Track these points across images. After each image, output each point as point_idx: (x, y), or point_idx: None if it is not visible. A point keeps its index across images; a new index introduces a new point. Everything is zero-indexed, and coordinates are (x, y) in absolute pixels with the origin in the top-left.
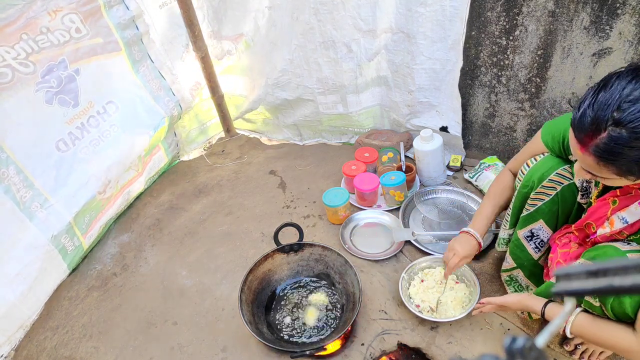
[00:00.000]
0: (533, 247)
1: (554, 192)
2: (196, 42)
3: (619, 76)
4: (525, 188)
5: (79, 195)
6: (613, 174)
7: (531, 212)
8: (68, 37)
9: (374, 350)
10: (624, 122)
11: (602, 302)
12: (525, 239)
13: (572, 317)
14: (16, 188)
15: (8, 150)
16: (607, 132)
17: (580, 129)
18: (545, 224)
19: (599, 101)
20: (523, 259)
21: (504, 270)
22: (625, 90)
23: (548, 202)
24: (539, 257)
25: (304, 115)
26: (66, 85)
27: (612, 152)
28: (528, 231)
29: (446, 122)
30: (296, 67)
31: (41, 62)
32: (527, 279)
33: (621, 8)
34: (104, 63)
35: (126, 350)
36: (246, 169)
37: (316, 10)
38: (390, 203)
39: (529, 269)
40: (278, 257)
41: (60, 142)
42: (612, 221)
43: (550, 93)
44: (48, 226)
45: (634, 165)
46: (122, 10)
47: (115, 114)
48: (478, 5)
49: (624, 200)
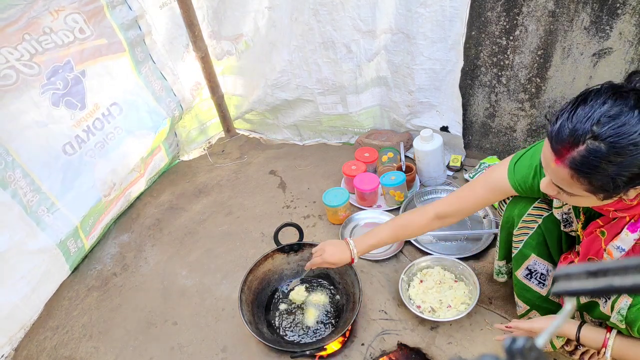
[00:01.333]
0: (536, 284)
1: (535, 224)
2: (196, 42)
3: (598, 92)
4: (507, 224)
5: (86, 199)
6: (584, 190)
7: (520, 249)
8: (72, 37)
9: (374, 350)
10: (603, 136)
11: (629, 324)
12: (526, 278)
13: (611, 342)
14: (23, 192)
15: (14, 154)
16: (585, 144)
17: (557, 140)
18: (538, 257)
19: (578, 114)
20: (532, 299)
21: (521, 315)
22: (605, 106)
23: (533, 235)
24: (547, 293)
25: (303, 116)
26: (72, 87)
27: (589, 165)
28: (525, 269)
29: (447, 122)
30: (295, 67)
31: (46, 63)
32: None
33: (621, 8)
34: (108, 64)
35: (126, 350)
36: (246, 169)
37: (315, 11)
38: (390, 203)
39: (543, 307)
40: (278, 257)
41: (67, 145)
42: (609, 252)
43: (551, 93)
44: (55, 231)
45: (609, 182)
46: (125, 10)
47: (119, 116)
48: (478, 6)
49: (610, 229)
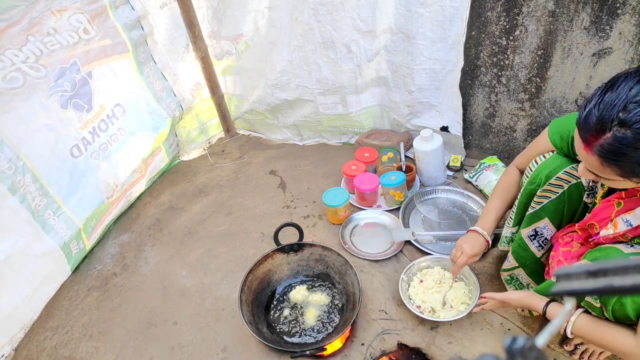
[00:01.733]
0: (536, 246)
1: (560, 190)
2: (196, 42)
3: (627, 77)
4: (532, 185)
5: (90, 201)
6: (616, 175)
7: (536, 210)
8: (77, 38)
9: (374, 350)
10: (630, 122)
11: (603, 303)
12: (529, 238)
13: (574, 318)
14: (31, 197)
15: (25, 158)
16: (612, 132)
17: (585, 129)
18: (550, 222)
19: (605, 101)
20: (526, 258)
21: (505, 269)
22: (632, 91)
23: (554, 200)
24: (541, 255)
25: (303, 116)
26: (80, 89)
27: (616, 153)
28: (532, 230)
29: (447, 122)
30: (295, 67)
31: (52, 65)
32: (529, 277)
33: (621, 8)
34: (113, 65)
35: (126, 350)
36: (246, 169)
37: (315, 10)
38: (390, 203)
39: (531, 267)
40: (278, 257)
41: (74, 147)
42: (615, 223)
43: (551, 93)
44: (60, 234)
45: (638, 167)
46: (128, 10)
47: (122, 117)
48: (478, 6)
49: (628, 203)
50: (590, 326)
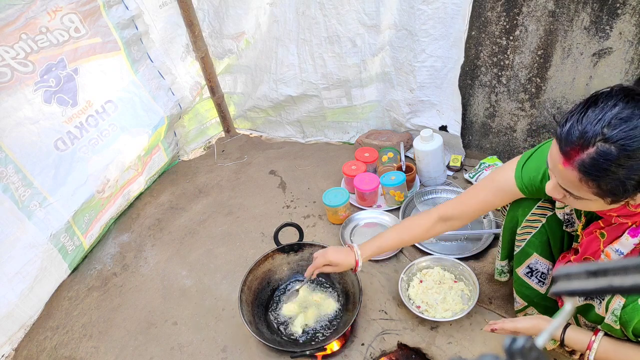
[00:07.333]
0: (536, 282)
1: (539, 224)
2: (196, 42)
3: (608, 95)
4: (511, 223)
5: (78, 194)
6: (591, 193)
7: (523, 248)
8: (67, 36)
9: (374, 350)
10: (614, 139)
11: (623, 325)
12: (526, 276)
13: (595, 345)
14: (15, 187)
15: (7, 150)
16: (595, 147)
17: (567, 142)
18: (540, 255)
19: (589, 116)
20: (531, 296)
21: (518, 311)
22: (616, 108)
23: (536, 234)
24: (546, 291)
25: (307, 111)
26: (65, 85)
27: (598, 168)
28: (526, 267)
29: (446, 122)
30: (302, 61)
31: (40, 61)
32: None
33: (621, 8)
34: (102, 62)
35: (126, 350)
36: (246, 169)
37: (321, 4)
38: (390, 203)
39: (541, 305)
40: (278, 257)
41: (59, 141)
42: (607, 254)
43: (551, 93)
44: (47, 225)
45: (618, 186)
46: (122, 10)
47: (114, 113)
48: (478, 5)
49: (610, 232)
50: (614, 349)
